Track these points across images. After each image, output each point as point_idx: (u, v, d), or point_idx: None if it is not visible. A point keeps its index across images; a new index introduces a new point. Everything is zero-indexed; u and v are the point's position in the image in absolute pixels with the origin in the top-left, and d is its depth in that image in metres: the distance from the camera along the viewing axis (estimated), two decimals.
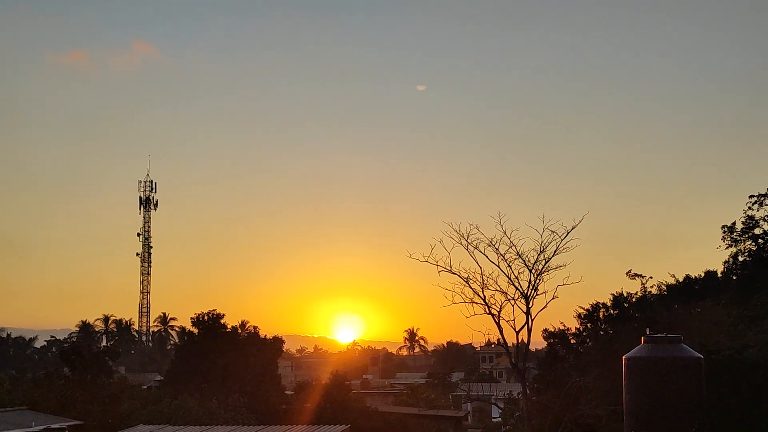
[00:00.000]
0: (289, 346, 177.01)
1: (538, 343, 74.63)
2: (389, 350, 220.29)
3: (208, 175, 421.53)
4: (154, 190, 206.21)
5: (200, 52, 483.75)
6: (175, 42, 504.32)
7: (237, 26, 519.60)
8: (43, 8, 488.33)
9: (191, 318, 78.39)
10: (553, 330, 59.34)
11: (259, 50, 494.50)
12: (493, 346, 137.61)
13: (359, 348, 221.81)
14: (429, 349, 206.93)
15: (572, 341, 59.12)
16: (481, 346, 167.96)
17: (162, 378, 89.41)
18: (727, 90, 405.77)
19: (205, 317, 77.80)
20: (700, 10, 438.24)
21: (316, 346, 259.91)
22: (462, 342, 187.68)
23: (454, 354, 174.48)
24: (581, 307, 59.18)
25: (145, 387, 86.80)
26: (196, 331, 78.19)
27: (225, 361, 73.19)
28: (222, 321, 77.92)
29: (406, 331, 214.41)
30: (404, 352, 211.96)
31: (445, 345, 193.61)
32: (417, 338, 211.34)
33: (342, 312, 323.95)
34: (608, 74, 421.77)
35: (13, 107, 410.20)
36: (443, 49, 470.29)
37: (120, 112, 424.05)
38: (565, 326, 59.91)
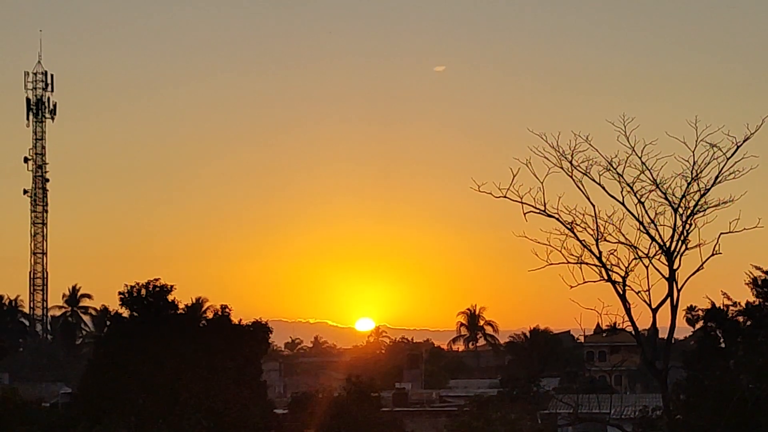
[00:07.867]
0: (275, 339, 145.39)
1: (683, 329, 76.99)
2: (436, 343, 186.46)
3: (143, 61, 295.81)
4: (49, 88, 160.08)
5: None
6: None
7: None
8: None
9: (119, 293, 63.54)
10: (709, 307, 48.45)
11: None
12: (605, 335, 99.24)
13: (387, 340, 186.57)
14: (501, 341, 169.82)
15: (742, 325, 47.83)
16: (587, 335, 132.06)
17: (72, 390, 79.05)
18: None
19: (143, 291, 63.52)
20: None
21: (317, 337, 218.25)
22: (555, 328, 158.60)
23: (543, 347, 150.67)
24: (758, 269, 47.77)
25: (47, 405, 75.94)
26: (127, 313, 64.43)
27: (176, 361, 60.93)
28: (170, 297, 63.89)
29: (462, 313, 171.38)
30: (461, 345, 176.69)
31: (528, 333, 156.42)
32: (481, 323, 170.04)
33: (356, 286, 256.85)
34: None
35: None
36: None
37: None
38: (730, 300, 48.74)
